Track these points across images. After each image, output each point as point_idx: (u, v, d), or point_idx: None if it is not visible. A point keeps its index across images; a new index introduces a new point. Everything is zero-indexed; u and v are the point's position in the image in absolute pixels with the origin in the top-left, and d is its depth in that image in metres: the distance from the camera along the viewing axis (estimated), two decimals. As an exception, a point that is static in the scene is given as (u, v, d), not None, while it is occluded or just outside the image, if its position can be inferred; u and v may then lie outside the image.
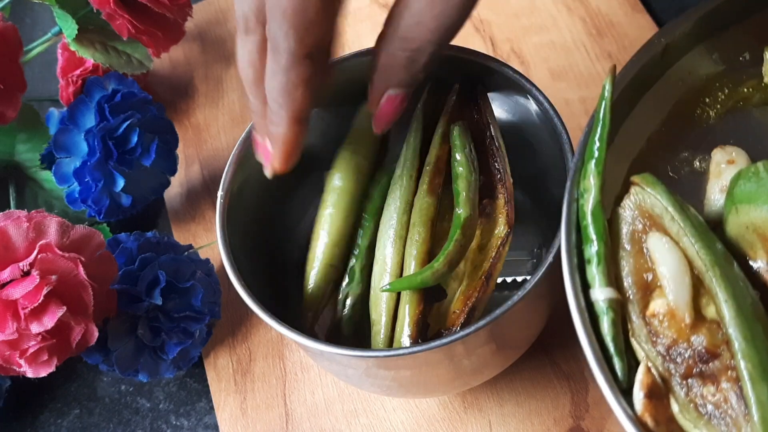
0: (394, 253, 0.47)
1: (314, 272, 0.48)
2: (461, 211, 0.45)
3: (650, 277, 0.38)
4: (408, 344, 0.44)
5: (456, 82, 0.49)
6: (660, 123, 0.45)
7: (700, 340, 0.36)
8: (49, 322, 0.46)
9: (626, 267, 0.39)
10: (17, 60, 0.57)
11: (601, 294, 0.37)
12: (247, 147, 0.49)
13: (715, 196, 0.42)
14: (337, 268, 0.49)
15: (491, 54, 0.54)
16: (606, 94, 0.40)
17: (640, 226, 0.39)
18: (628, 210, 0.39)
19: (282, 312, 0.44)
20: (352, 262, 0.51)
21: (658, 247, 0.38)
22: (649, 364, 0.36)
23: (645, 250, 0.38)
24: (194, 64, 0.75)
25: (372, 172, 0.50)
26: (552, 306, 0.48)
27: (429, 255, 0.46)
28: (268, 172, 0.43)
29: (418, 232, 0.46)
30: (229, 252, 0.45)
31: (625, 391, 0.36)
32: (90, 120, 0.58)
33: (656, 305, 0.37)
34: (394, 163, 0.51)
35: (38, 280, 0.45)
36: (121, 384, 0.59)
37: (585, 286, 0.38)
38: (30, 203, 0.65)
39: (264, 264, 0.50)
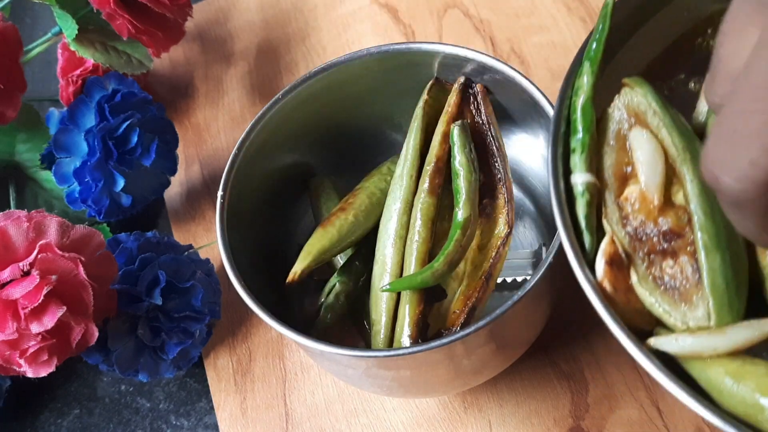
0: (394, 253, 0.47)
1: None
2: (461, 212, 0.45)
3: (629, 170, 0.41)
4: (408, 344, 0.44)
5: (456, 82, 0.49)
6: (662, 49, 0.46)
7: (666, 222, 0.40)
8: (49, 322, 0.46)
9: (608, 161, 0.42)
10: (17, 60, 0.57)
11: (580, 178, 0.41)
12: (247, 147, 0.49)
13: (703, 110, 0.45)
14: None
15: (491, 54, 0.54)
16: (609, 1, 0.43)
17: (626, 125, 0.42)
18: (616, 110, 0.43)
19: (282, 312, 0.44)
20: (353, 256, 0.51)
21: (637, 137, 0.41)
22: (614, 237, 0.40)
23: (627, 146, 0.42)
24: (194, 64, 0.75)
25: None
26: (552, 306, 0.48)
27: (429, 255, 0.46)
28: None
29: (418, 232, 0.46)
30: (229, 252, 0.45)
31: (590, 263, 0.39)
32: (90, 120, 0.58)
33: (630, 190, 0.41)
34: (395, 162, 0.51)
35: (38, 280, 0.45)
36: (121, 384, 0.59)
37: (567, 175, 0.41)
38: (30, 203, 0.64)
39: (264, 264, 0.50)
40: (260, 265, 0.50)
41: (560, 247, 0.41)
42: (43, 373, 0.48)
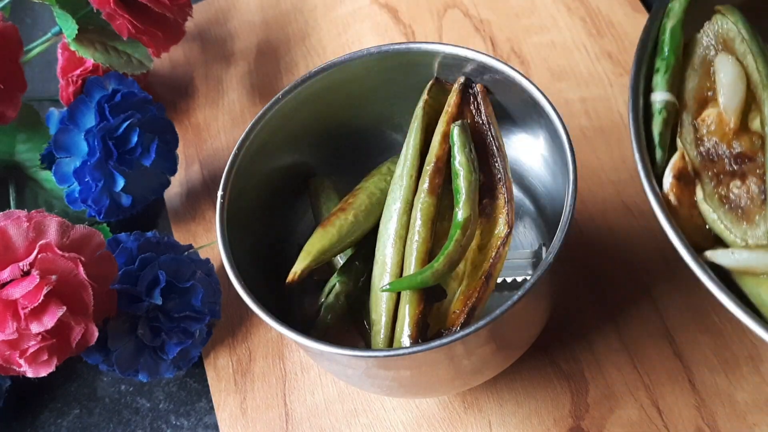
0: (394, 253, 0.47)
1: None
2: (461, 211, 0.45)
3: (710, 95, 0.43)
4: (408, 344, 0.44)
5: (456, 82, 0.49)
6: None
7: (739, 145, 0.41)
8: (49, 322, 0.46)
9: (690, 84, 0.43)
10: (17, 60, 0.57)
11: (660, 96, 0.42)
12: (247, 147, 0.49)
13: None
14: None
15: (491, 54, 0.54)
16: None
17: (713, 51, 0.43)
18: (705, 36, 0.44)
19: (282, 312, 0.44)
20: (353, 256, 0.51)
21: (722, 61, 0.42)
22: (686, 155, 0.41)
23: (711, 72, 0.43)
24: (194, 64, 0.75)
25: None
26: (552, 306, 0.48)
27: (429, 255, 0.46)
28: None
29: (418, 232, 0.46)
30: (229, 252, 0.45)
31: (658, 178, 0.40)
32: (90, 120, 0.58)
33: (708, 112, 0.42)
34: (395, 162, 0.51)
35: (38, 280, 0.45)
36: (121, 384, 0.59)
37: (648, 93, 0.42)
38: (30, 203, 0.64)
39: (264, 264, 0.50)
40: (260, 265, 0.50)
41: (561, 247, 0.41)
42: (43, 373, 0.48)
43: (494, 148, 0.48)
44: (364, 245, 0.50)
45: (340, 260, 0.52)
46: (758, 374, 0.50)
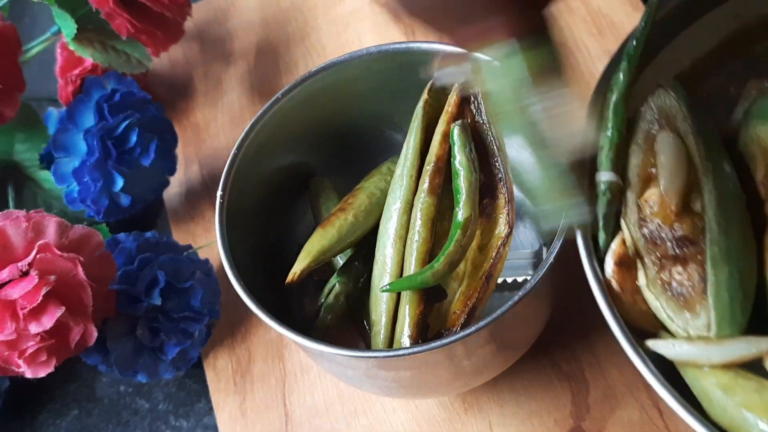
0: (394, 253, 0.47)
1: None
2: (461, 212, 0.45)
3: (654, 171, 0.42)
4: (408, 345, 0.44)
5: (456, 81, 0.49)
6: (706, 50, 0.47)
7: (681, 228, 0.40)
8: (47, 322, 0.46)
9: (635, 160, 0.42)
10: (16, 59, 0.57)
11: (604, 176, 0.41)
12: (247, 147, 0.49)
13: (738, 117, 0.45)
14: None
15: (491, 53, 0.54)
16: (653, 1, 0.43)
17: (656, 126, 0.43)
18: (649, 110, 0.43)
19: (281, 312, 0.44)
20: (353, 256, 0.51)
21: (664, 140, 0.42)
22: (626, 240, 0.40)
23: (655, 148, 0.42)
24: (193, 63, 0.74)
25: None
26: (552, 306, 0.48)
27: (429, 255, 0.46)
28: None
29: (418, 232, 0.46)
30: (228, 252, 0.45)
31: (601, 261, 0.40)
32: (89, 120, 0.58)
33: (651, 192, 0.41)
34: (395, 162, 0.51)
35: (37, 280, 0.45)
36: (120, 385, 0.59)
37: (593, 171, 0.42)
38: (29, 203, 0.64)
39: (264, 264, 0.50)
40: (260, 266, 0.50)
41: (561, 247, 0.41)
42: (42, 373, 0.48)
43: (495, 147, 0.47)
44: (364, 245, 0.50)
45: (340, 260, 0.52)
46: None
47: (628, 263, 0.40)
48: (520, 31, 0.35)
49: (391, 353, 0.41)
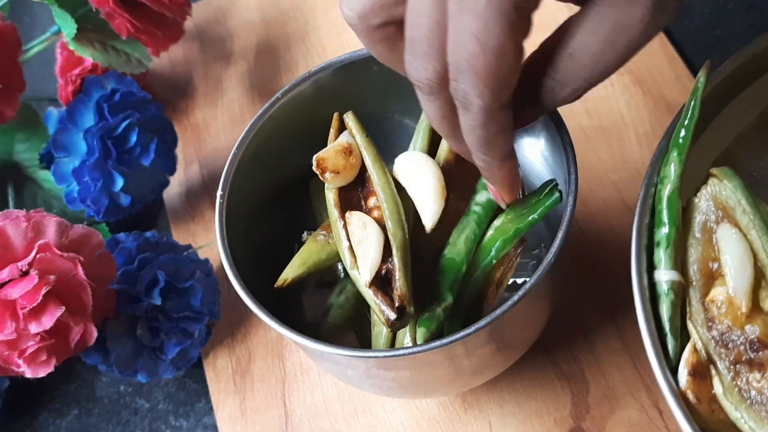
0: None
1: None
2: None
3: (715, 267, 0.40)
4: (408, 344, 0.44)
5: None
6: (750, 124, 0.45)
7: (753, 330, 0.38)
8: (47, 322, 0.46)
9: (694, 254, 0.40)
10: (16, 59, 0.57)
11: (664, 276, 0.39)
12: (247, 146, 0.49)
13: None
14: None
15: (492, 53, 0.54)
16: (699, 86, 0.41)
17: (713, 217, 0.41)
18: (703, 200, 0.41)
19: (281, 312, 0.44)
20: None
21: (726, 236, 0.40)
22: (697, 345, 0.38)
23: (714, 241, 0.40)
24: (193, 63, 0.74)
25: None
26: (552, 306, 0.48)
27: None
28: (503, 205, 0.44)
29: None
30: (228, 252, 0.45)
31: (673, 370, 0.38)
32: (89, 119, 0.58)
33: (716, 292, 0.39)
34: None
35: (37, 280, 0.45)
36: (120, 384, 0.59)
37: (651, 268, 0.40)
38: (29, 203, 0.64)
39: (263, 264, 0.50)
40: (260, 266, 0.50)
41: (561, 247, 0.41)
42: (42, 373, 0.48)
43: None
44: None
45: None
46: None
47: (702, 372, 0.38)
48: None
49: (391, 353, 0.41)
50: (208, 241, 0.63)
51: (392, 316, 0.41)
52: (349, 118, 0.47)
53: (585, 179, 0.58)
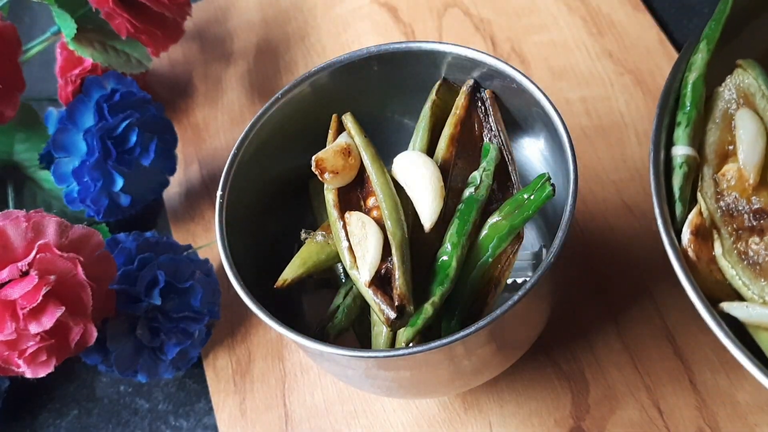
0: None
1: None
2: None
3: (731, 149, 0.43)
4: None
5: (465, 85, 0.49)
6: None
7: (758, 200, 0.41)
8: (47, 322, 0.46)
9: (711, 137, 0.44)
10: (16, 59, 0.57)
11: (681, 150, 0.42)
12: (247, 146, 0.49)
13: None
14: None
15: (492, 53, 0.54)
16: None
17: (734, 105, 0.44)
18: (727, 90, 0.44)
19: (281, 312, 0.44)
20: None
21: (743, 116, 0.43)
22: (703, 212, 0.41)
23: (732, 126, 0.44)
24: (193, 63, 0.74)
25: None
26: (552, 306, 0.48)
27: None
28: None
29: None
30: (228, 252, 0.45)
31: (678, 232, 0.41)
32: (89, 119, 0.58)
33: (728, 167, 0.43)
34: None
35: (37, 280, 0.45)
36: (119, 384, 0.59)
37: (669, 146, 0.43)
38: (29, 203, 0.64)
39: (264, 264, 0.50)
40: (260, 266, 0.50)
41: (561, 247, 0.41)
42: (42, 373, 0.48)
43: (507, 156, 0.47)
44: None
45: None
46: (759, 375, 0.49)
47: (704, 233, 0.41)
48: None
49: (391, 353, 0.41)
50: (208, 241, 0.63)
51: (392, 315, 0.41)
52: (348, 119, 0.47)
53: (585, 179, 0.58)
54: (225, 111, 0.71)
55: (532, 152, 0.51)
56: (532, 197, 0.44)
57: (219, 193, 0.47)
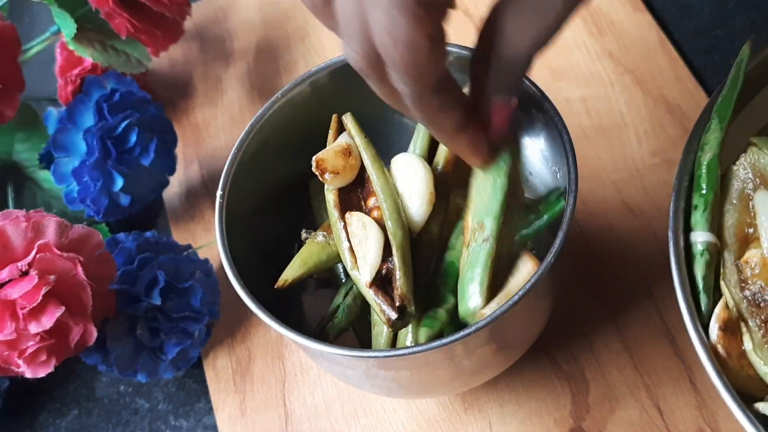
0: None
1: None
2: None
3: (751, 231, 0.41)
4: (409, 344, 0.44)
5: (465, 84, 0.49)
6: None
7: None
8: (47, 322, 0.46)
9: (730, 219, 0.42)
10: (16, 59, 0.57)
11: (700, 237, 0.41)
12: (247, 146, 0.49)
13: None
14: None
15: (491, 53, 0.54)
16: (743, 58, 0.43)
17: (751, 185, 0.42)
18: (742, 168, 0.43)
19: (281, 312, 0.44)
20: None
21: (763, 200, 0.41)
22: (729, 303, 0.39)
23: (750, 207, 0.42)
24: (193, 63, 0.74)
25: None
26: (552, 306, 0.48)
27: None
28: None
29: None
30: (228, 252, 0.45)
31: (704, 325, 0.39)
32: (89, 119, 0.58)
33: (751, 254, 0.41)
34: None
35: (37, 280, 0.45)
36: (119, 384, 0.59)
37: (687, 230, 0.41)
38: (28, 203, 0.64)
39: (264, 264, 0.50)
40: (259, 266, 0.50)
41: (561, 247, 0.41)
42: (42, 373, 0.48)
43: None
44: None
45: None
46: (759, 374, 0.49)
47: (732, 327, 0.39)
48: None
49: (391, 353, 0.41)
50: (208, 241, 0.63)
51: (393, 315, 0.41)
52: (348, 119, 0.47)
53: (585, 179, 0.58)
54: (225, 111, 0.71)
55: (532, 152, 0.51)
56: (546, 209, 0.44)
57: (219, 193, 0.47)
